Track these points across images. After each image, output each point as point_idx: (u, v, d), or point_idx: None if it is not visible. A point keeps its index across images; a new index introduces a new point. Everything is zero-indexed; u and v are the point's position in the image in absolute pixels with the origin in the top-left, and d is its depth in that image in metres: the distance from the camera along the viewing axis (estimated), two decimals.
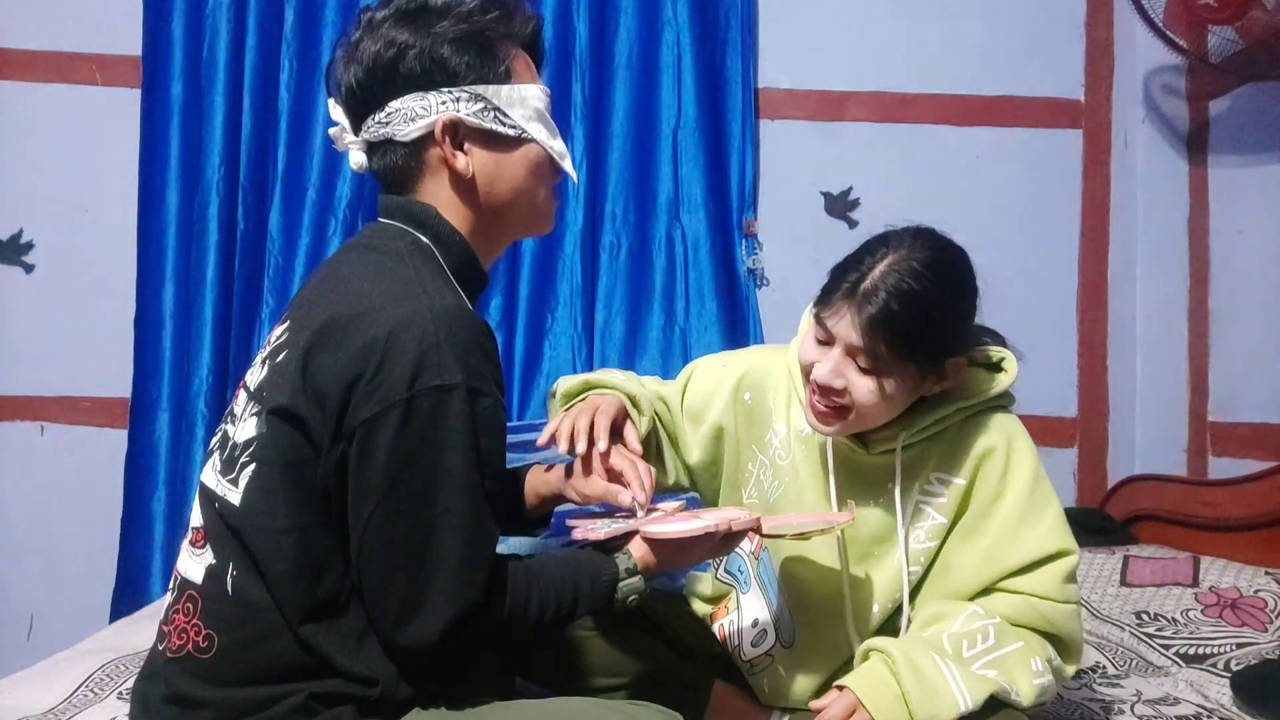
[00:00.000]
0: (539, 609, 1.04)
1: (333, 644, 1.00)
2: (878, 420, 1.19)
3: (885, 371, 1.14)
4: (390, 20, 1.11)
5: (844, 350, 1.15)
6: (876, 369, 1.13)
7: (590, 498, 1.24)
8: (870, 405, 1.15)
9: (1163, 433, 2.47)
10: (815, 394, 1.18)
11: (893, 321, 1.11)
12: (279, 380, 1.02)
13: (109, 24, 2.43)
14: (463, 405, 0.97)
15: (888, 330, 1.11)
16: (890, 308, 1.11)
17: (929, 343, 1.15)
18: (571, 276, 2.41)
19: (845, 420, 1.18)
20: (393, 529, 0.97)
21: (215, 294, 2.33)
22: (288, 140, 2.36)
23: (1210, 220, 2.43)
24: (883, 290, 1.12)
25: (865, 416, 1.18)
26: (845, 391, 1.15)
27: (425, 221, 1.12)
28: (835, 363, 1.15)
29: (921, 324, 1.12)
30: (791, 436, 1.32)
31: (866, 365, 1.14)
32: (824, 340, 1.17)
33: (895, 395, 1.16)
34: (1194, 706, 1.49)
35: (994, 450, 1.22)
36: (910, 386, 1.17)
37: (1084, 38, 2.60)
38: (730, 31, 2.46)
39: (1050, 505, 1.24)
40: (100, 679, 1.46)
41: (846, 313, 1.13)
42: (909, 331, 1.12)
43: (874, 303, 1.11)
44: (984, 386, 1.24)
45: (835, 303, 1.15)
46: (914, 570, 1.25)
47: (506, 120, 1.12)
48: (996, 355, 1.27)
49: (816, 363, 1.17)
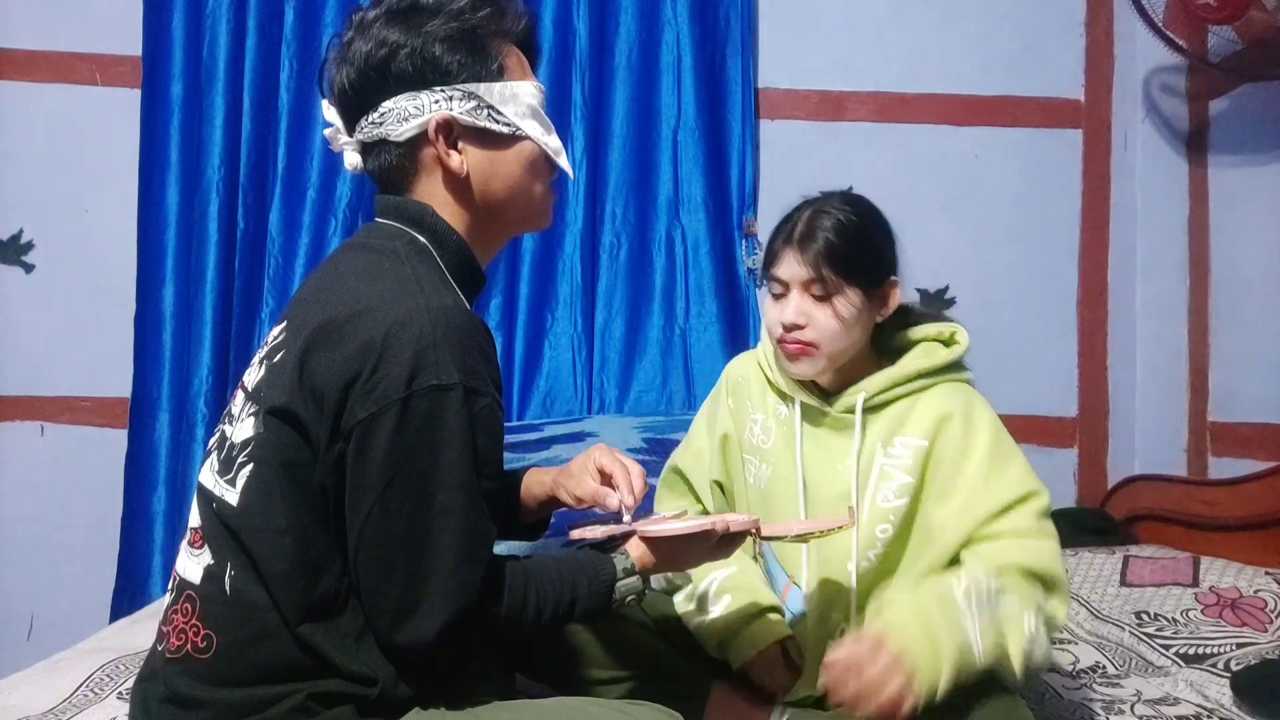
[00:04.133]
0: (537, 609, 1.04)
1: (331, 643, 1.00)
2: (841, 349, 1.32)
3: (837, 293, 1.30)
4: (381, 20, 1.11)
5: (799, 288, 1.31)
6: (828, 293, 1.30)
7: (581, 499, 1.25)
8: (831, 331, 1.30)
9: (1163, 433, 2.47)
10: (785, 341, 1.33)
11: (831, 247, 1.30)
12: (276, 380, 1.02)
13: (109, 24, 2.43)
14: (460, 405, 0.97)
15: (829, 254, 1.29)
16: (828, 237, 1.30)
17: (864, 261, 1.32)
18: (571, 276, 2.41)
19: (814, 357, 1.32)
20: (390, 528, 0.97)
21: (215, 294, 2.33)
22: (288, 140, 2.37)
23: (1210, 220, 2.43)
24: (817, 227, 1.31)
25: (831, 348, 1.31)
26: (809, 326, 1.30)
27: (422, 221, 1.12)
28: (794, 302, 1.31)
29: (854, 245, 1.31)
30: (770, 420, 1.42)
31: (820, 293, 1.30)
32: (780, 293, 1.34)
33: (850, 319, 1.31)
34: (1194, 706, 1.49)
35: (952, 414, 1.32)
36: (859, 310, 1.31)
37: (1084, 38, 2.60)
38: (730, 31, 2.46)
39: (1016, 457, 1.32)
40: (100, 679, 1.46)
41: (791, 255, 1.31)
42: (846, 253, 1.30)
43: (814, 236, 1.30)
44: (939, 357, 1.36)
45: (779, 253, 1.33)
46: (885, 529, 1.32)
47: (500, 118, 1.12)
48: (949, 330, 1.40)
49: (781, 312, 1.32)
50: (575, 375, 2.39)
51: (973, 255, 2.57)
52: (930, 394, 1.34)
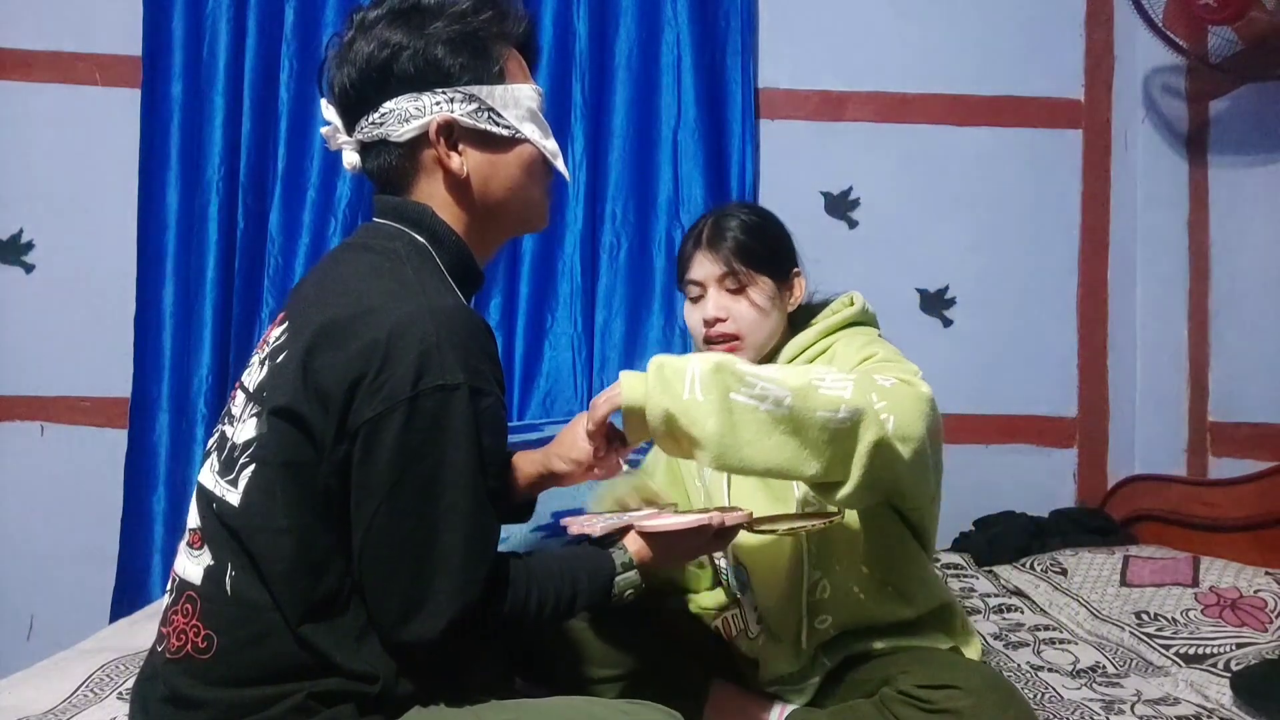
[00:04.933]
0: (538, 605, 1.05)
1: (333, 642, 1.00)
2: (763, 338, 1.42)
3: (750, 284, 1.41)
4: (383, 20, 1.11)
5: (715, 285, 1.42)
6: (741, 285, 1.41)
7: (579, 461, 1.26)
8: (751, 321, 1.41)
9: (1163, 433, 2.47)
10: (711, 340, 1.41)
11: (738, 242, 1.42)
12: (279, 381, 1.02)
13: (109, 24, 2.44)
14: (466, 405, 0.97)
15: (737, 249, 1.41)
16: (734, 235, 1.42)
17: (768, 252, 1.43)
18: (571, 276, 2.41)
19: (742, 348, 1.41)
20: (396, 527, 0.97)
21: (215, 294, 2.33)
22: (288, 140, 2.37)
23: (1210, 220, 2.43)
24: (723, 228, 1.43)
25: (754, 337, 1.41)
26: (729, 319, 1.40)
27: (421, 221, 1.12)
28: (713, 299, 1.42)
29: (758, 239, 1.43)
30: None
31: (733, 286, 1.41)
32: (697, 295, 1.44)
33: (765, 306, 1.41)
34: (1194, 706, 1.49)
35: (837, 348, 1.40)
36: (772, 298, 1.42)
37: (1084, 38, 2.60)
38: (730, 31, 2.46)
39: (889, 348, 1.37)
40: (100, 679, 1.46)
41: (703, 256, 1.43)
42: (751, 247, 1.42)
43: (722, 235, 1.42)
44: (837, 316, 1.45)
45: (691, 257, 1.44)
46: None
47: (500, 121, 1.12)
48: (847, 297, 1.49)
49: (701, 311, 1.42)
50: (575, 375, 2.40)
51: (973, 255, 2.57)
52: (835, 346, 1.41)
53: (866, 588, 1.34)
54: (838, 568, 1.34)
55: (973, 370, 2.52)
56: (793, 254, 1.48)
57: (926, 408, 1.17)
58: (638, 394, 1.12)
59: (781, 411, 1.07)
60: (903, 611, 1.34)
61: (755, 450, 1.08)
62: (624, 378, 1.14)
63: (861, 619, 1.34)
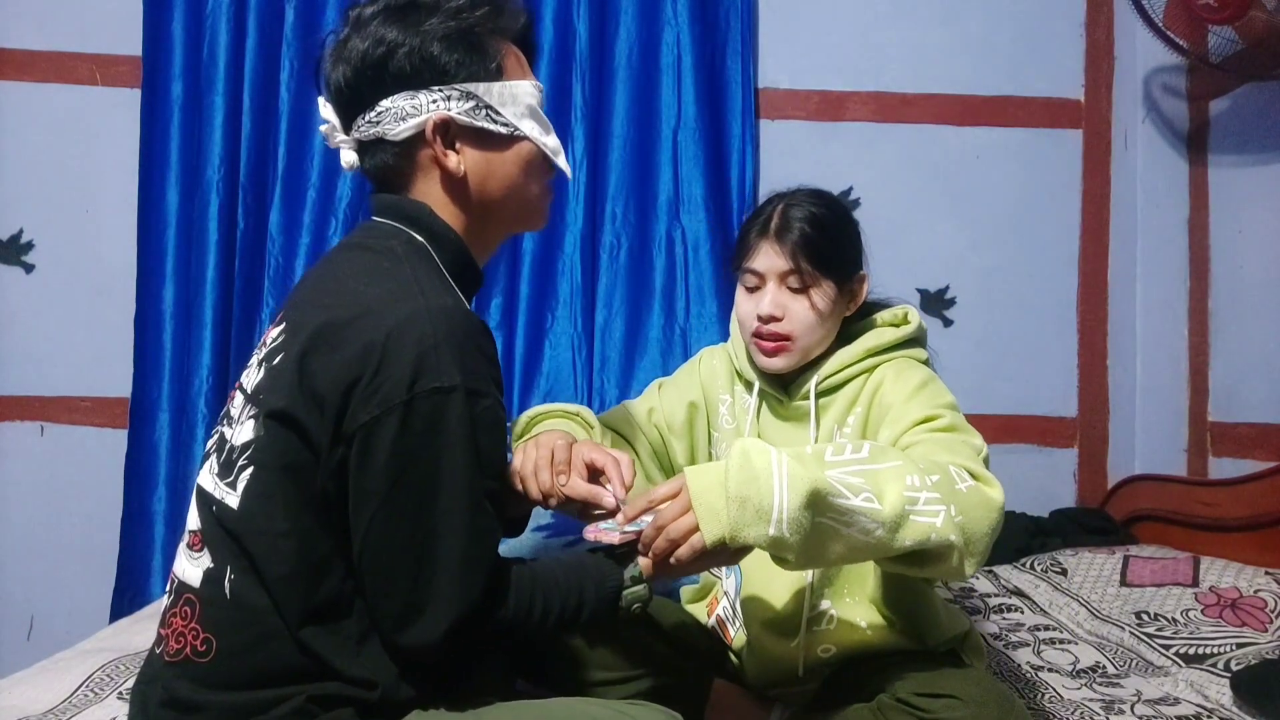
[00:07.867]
0: (543, 613, 1.04)
1: (333, 646, 0.99)
2: (814, 342, 1.35)
3: (813, 286, 1.32)
4: (379, 18, 1.10)
5: (776, 281, 1.34)
6: (805, 285, 1.32)
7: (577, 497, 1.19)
8: (808, 324, 1.33)
9: (1163, 433, 2.47)
10: (760, 335, 1.34)
11: (807, 238, 1.32)
12: (276, 383, 1.02)
13: (109, 24, 2.43)
14: (462, 407, 0.97)
15: (806, 246, 1.32)
16: (804, 229, 1.33)
17: (837, 255, 1.34)
18: (571, 276, 2.41)
19: (790, 351, 1.34)
20: (394, 531, 0.97)
21: (215, 294, 2.33)
22: (288, 140, 2.36)
23: (1210, 220, 2.43)
24: (792, 219, 1.33)
25: (806, 340, 1.34)
26: (785, 319, 1.33)
27: (419, 220, 1.11)
28: (771, 294, 1.34)
29: (828, 238, 1.34)
30: (736, 406, 1.47)
31: (797, 285, 1.33)
32: (754, 286, 1.36)
33: (825, 311, 1.33)
34: (1194, 706, 1.49)
35: (886, 377, 1.34)
36: (833, 303, 1.34)
37: (1084, 38, 2.60)
38: (730, 31, 2.46)
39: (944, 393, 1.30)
40: (100, 679, 1.46)
41: (768, 247, 1.33)
42: (821, 246, 1.32)
43: (790, 228, 1.33)
44: (886, 337, 1.37)
45: (755, 246, 1.35)
46: None
47: (498, 118, 1.11)
48: (901, 312, 1.42)
49: (757, 304, 1.34)
50: (575, 375, 2.39)
51: (973, 255, 2.57)
52: (880, 370, 1.35)
53: (874, 622, 1.32)
54: (848, 600, 1.33)
55: (973, 370, 2.52)
56: (859, 255, 1.39)
57: (997, 520, 1.14)
58: (719, 530, 1.04)
59: (870, 541, 1.05)
60: (913, 647, 1.32)
61: (835, 558, 1.08)
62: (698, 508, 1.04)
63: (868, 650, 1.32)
